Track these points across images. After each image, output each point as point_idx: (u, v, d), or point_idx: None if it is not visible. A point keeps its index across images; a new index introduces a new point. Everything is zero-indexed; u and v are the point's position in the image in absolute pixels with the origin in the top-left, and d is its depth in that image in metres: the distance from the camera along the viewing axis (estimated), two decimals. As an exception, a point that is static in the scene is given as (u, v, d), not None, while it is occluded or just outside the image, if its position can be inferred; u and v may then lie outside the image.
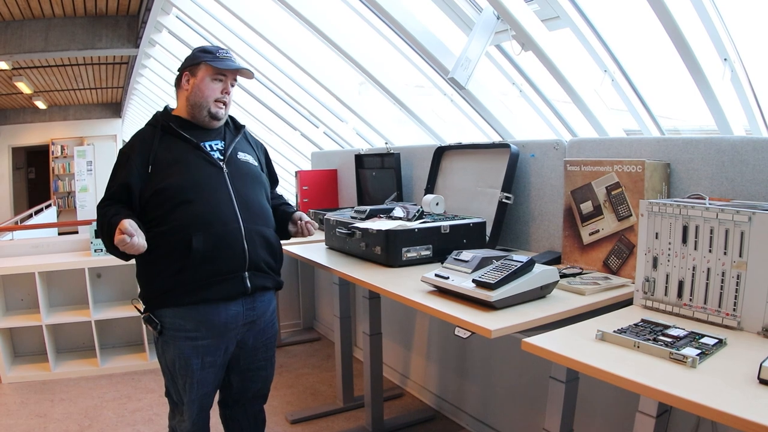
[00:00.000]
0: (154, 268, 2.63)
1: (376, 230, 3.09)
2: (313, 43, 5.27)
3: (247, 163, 2.86)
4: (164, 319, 2.67)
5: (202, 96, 2.74)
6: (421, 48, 4.00)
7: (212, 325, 2.68)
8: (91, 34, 8.68)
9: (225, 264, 2.65)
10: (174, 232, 2.57)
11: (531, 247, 3.32)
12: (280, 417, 4.30)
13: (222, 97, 2.77)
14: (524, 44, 3.42)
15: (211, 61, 2.73)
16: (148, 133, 2.74)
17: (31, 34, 8.55)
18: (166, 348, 2.72)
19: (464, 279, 2.34)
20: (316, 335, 6.30)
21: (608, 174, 2.67)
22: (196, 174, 2.67)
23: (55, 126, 17.38)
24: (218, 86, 2.76)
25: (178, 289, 2.61)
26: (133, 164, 2.63)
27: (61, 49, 8.73)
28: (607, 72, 3.41)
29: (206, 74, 2.74)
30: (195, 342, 2.68)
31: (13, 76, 11.56)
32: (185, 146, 2.72)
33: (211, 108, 2.75)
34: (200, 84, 2.74)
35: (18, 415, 4.54)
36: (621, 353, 1.68)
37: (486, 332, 1.96)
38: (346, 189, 5.52)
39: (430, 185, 3.94)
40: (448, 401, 4.24)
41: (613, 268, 2.66)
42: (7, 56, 8.69)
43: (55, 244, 5.64)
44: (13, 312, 5.45)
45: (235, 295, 2.70)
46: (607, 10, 3.30)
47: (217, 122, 2.81)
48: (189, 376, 2.71)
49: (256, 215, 2.77)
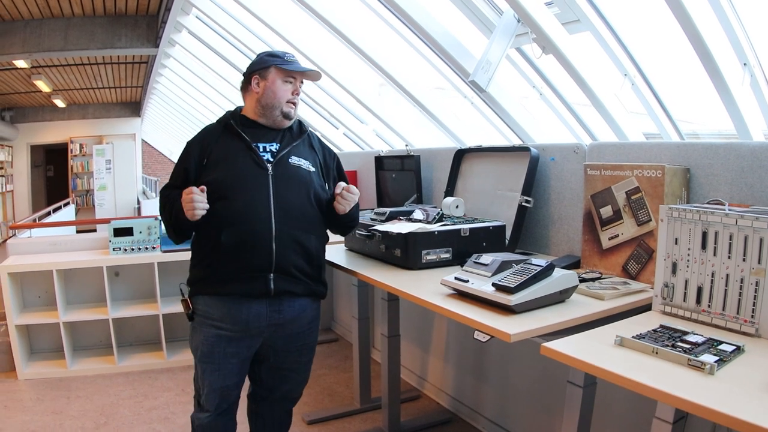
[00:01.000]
0: (195, 256, 2.85)
1: (396, 233, 3.10)
2: (333, 45, 5.29)
3: (298, 168, 2.86)
4: (197, 305, 2.83)
5: (275, 97, 2.83)
6: (441, 50, 4.01)
7: (235, 319, 2.76)
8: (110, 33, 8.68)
9: (250, 262, 2.70)
10: (209, 225, 2.68)
11: (550, 251, 3.31)
12: (297, 417, 4.27)
13: (293, 98, 2.88)
14: (545, 47, 3.43)
15: (281, 64, 2.84)
16: (215, 129, 2.90)
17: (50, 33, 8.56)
18: (194, 333, 2.86)
19: (484, 282, 2.35)
20: (334, 336, 6.30)
21: (628, 179, 2.68)
22: (239, 172, 2.74)
23: (74, 124, 17.44)
24: (289, 88, 2.86)
25: (210, 279, 2.75)
26: (194, 154, 2.80)
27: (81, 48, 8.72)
28: (627, 76, 3.41)
29: (277, 77, 2.84)
30: (220, 331, 2.78)
31: (32, 74, 11.59)
32: (239, 145, 2.81)
33: (283, 108, 2.85)
34: (272, 86, 2.83)
35: (33, 411, 4.56)
36: (640, 359, 1.69)
37: (505, 336, 1.97)
38: (365, 190, 5.52)
39: (450, 188, 3.95)
40: (465, 404, 4.23)
41: (632, 273, 2.66)
42: (26, 55, 8.70)
43: (73, 242, 5.67)
44: (31, 309, 5.48)
45: (257, 294, 2.74)
46: (628, 13, 3.30)
47: (289, 121, 2.91)
48: (210, 362, 2.81)
49: (295, 219, 2.77)
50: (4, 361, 5.31)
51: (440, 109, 4.84)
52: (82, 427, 4.27)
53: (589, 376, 2.25)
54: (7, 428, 4.27)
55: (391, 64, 4.78)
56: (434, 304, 2.40)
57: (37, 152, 18.74)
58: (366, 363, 4.38)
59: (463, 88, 4.62)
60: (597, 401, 2.36)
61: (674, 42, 3.01)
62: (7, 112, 16.38)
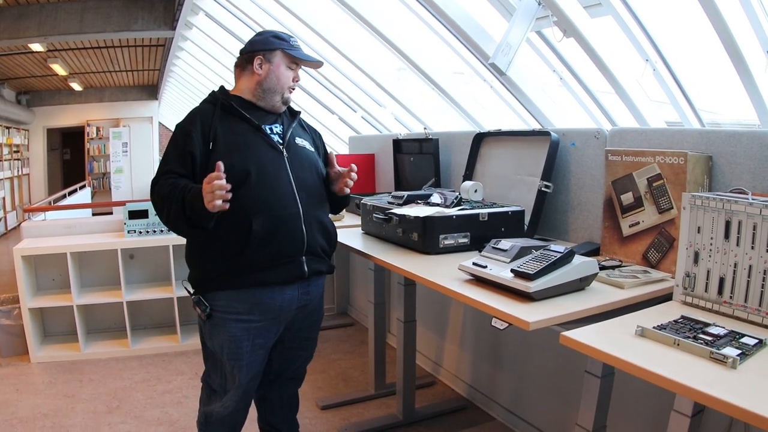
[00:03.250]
0: (211, 249, 2.64)
1: (413, 216, 3.09)
2: (352, 27, 5.26)
3: (304, 149, 2.88)
4: (216, 302, 2.68)
5: (278, 83, 2.78)
6: (461, 33, 3.98)
7: (267, 308, 2.71)
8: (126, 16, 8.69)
9: (283, 248, 2.67)
10: (234, 214, 2.53)
11: (569, 238, 3.29)
12: (311, 402, 4.31)
13: (294, 85, 2.85)
14: (566, 31, 3.40)
15: (288, 49, 2.80)
16: (207, 111, 2.73)
17: (66, 16, 8.56)
18: (215, 332, 2.73)
19: (502, 268, 2.33)
20: (350, 320, 6.31)
21: (650, 165, 2.64)
22: (258, 156, 2.67)
23: (90, 108, 17.49)
24: (291, 74, 2.83)
25: (234, 272, 2.63)
26: (195, 138, 2.62)
27: (97, 31, 8.74)
28: (648, 61, 3.37)
29: (282, 61, 2.79)
30: (247, 324, 2.70)
31: (48, 57, 11.63)
32: (246, 127, 2.72)
33: (285, 94, 2.82)
34: (276, 71, 2.78)
35: (46, 394, 4.58)
36: (661, 350, 1.66)
37: (524, 324, 1.95)
38: (383, 174, 5.51)
39: (469, 172, 3.92)
40: (480, 391, 4.23)
41: (653, 262, 2.62)
42: (42, 38, 8.72)
43: (87, 225, 5.69)
44: (44, 292, 5.52)
45: (292, 279, 2.73)
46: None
47: (284, 107, 2.87)
48: (238, 359, 2.73)
49: (314, 200, 2.79)
50: (17, 344, 5.35)
51: (459, 93, 4.81)
52: (94, 410, 4.29)
53: (607, 366, 2.22)
54: (19, 411, 4.30)
55: (411, 48, 4.75)
56: (451, 289, 2.39)
57: (53, 135, 18.83)
58: (381, 348, 4.38)
59: (482, 71, 4.59)
60: (614, 391, 2.34)
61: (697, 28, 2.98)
62: (23, 96, 16.49)
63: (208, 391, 2.92)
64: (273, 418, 3.20)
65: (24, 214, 11.18)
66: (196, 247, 2.71)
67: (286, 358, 3.02)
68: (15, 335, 5.33)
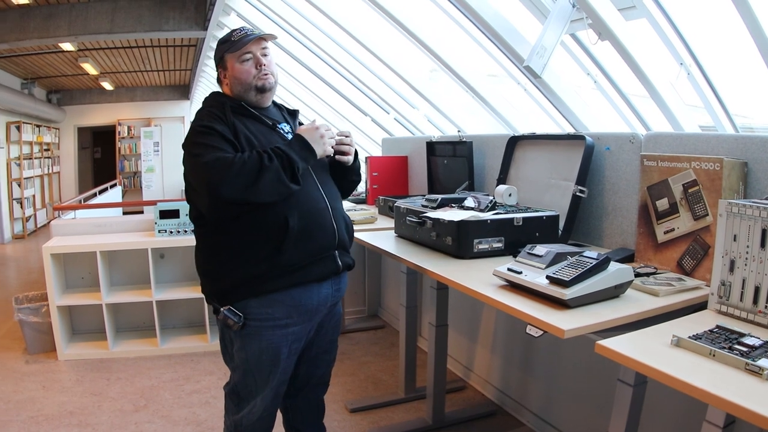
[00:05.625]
0: (243, 252, 2.57)
1: (447, 220, 3.09)
2: (385, 28, 5.27)
3: None
4: (249, 310, 2.60)
5: (241, 81, 2.71)
6: (495, 35, 3.97)
7: (305, 309, 2.67)
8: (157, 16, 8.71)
9: (319, 243, 2.64)
10: (268, 213, 2.51)
11: (603, 243, 3.28)
12: (340, 405, 4.33)
13: (259, 71, 2.72)
14: (600, 33, 3.39)
15: (230, 48, 2.72)
16: (218, 113, 2.64)
17: (97, 16, 8.59)
18: (248, 342, 2.65)
19: (537, 274, 2.33)
20: (381, 323, 6.31)
21: (685, 171, 2.64)
22: None
23: (122, 107, 17.60)
24: (249, 64, 2.71)
25: (271, 274, 2.56)
26: (225, 132, 2.55)
27: (127, 31, 8.75)
28: (683, 65, 3.35)
29: (233, 62, 2.72)
30: (285, 330, 2.65)
31: (78, 57, 11.71)
32: (261, 127, 2.70)
33: (256, 84, 2.71)
34: (233, 73, 2.72)
35: (72, 392, 4.62)
36: (696, 361, 1.67)
37: (559, 332, 1.96)
38: (416, 176, 5.52)
39: (503, 175, 3.92)
40: (510, 397, 4.22)
41: (687, 269, 2.61)
42: (72, 37, 8.77)
43: (117, 224, 5.74)
44: (73, 290, 5.58)
45: (328, 274, 2.71)
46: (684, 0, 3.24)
47: (269, 93, 2.78)
48: (276, 366, 2.69)
49: (335, 195, 2.79)
50: (44, 341, 5.41)
51: (493, 95, 4.81)
52: (121, 409, 4.33)
53: (640, 375, 2.20)
54: (45, 408, 4.34)
55: (444, 49, 4.75)
56: (486, 295, 2.38)
57: (84, 134, 19.00)
58: (412, 352, 4.37)
59: (516, 74, 4.58)
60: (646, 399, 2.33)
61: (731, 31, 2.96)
62: (54, 95, 16.65)
63: (234, 401, 2.86)
64: (301, 424, 3.17)
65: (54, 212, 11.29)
66: (220, 253, 2.62)
67: (312, 363, 2.98)
68: (43, 332, 5.39)
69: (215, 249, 2.64)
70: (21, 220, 13.59)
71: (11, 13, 8.47)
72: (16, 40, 8.64)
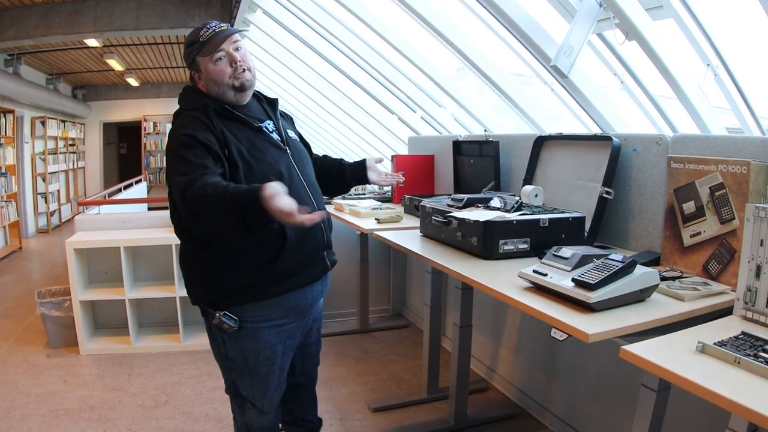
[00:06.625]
0: (239, 261, 2.55)
1: (473, 220, 3.10)
2: (411, 27, 5.27)
3: (296, 141, 2.88)
4: (247, 314, 2.62)
5: (217, 83, 2.61)
6: (522, 34, 3.96)
7: (299, 308, 2.76)
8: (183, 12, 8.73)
9: (311, 247, 2.71)
10: None
11: (629, 246, 3.27)
12: (362, 404, 4.36)
13: (234, 69, 2.61)
14: (628, 33, 3.37)
15: (199, 49, 2.59)
16: (203, 119, 2.53)
17: (122, 13, 8.66)
18: (244, 342, 2.68)
19: (563, 277, 2.34)
20: (405, 322, 6.34)
21: (712, 174, 2.62)
22: (271, 160, 2.60)
23: (147, 103, 17.75)
24: (223, 63, 2.60)
25: (267, 281, 2.59)
26: (212, 141, 2.45)
27: (153, 28, 8.82)
28: (709, 66, 3.33)
29: (206, 63, 2.61)
30: (280, 328, 2.72)
31: (104, 53, 11.83)
32: (247, 130, 2.62)
33: (233, 84, 2.62)
34: (207, 75, 2.62)
35: (93, 386, 4.69)
36: (721, 368, 1.66)
37: (583, 336, 1.96)
38: (442, 175, 5.52)
39: (529, 176, 3.92)
40: (533, 399, 4.23)
41: (713, 274, 2.60)
42: (98, 33, 8.85)
43: (142, 220, 5.83)
44: (96, 285, 5.66)
45: (320, 274, 2.81)
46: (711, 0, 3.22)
47: (248, 91, 2.70)
48: (272, 363, 2.76)
49: (319, 194, 2.83)
50: (66, 335, 5.49)
51: (519, 94, 4.80)
52: (142, 404, 4.38)
53: (663, 381, 2.21)
54: (65, 402, 4.40)
55: (471, 48, 4.74)
56: (511, 297, 2.39)
57: (110, 130, 19.22)
58: (435, 352, 4.39)
59: (543, 73, 4.57)
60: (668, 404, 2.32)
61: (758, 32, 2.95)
62: (79, 91, 16.84)
63: (239, 402, 2.90)
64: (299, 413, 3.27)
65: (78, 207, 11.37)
66: (217, 262, 2.58)
67: (305, 356, 3.09)
68: (65, 327, 5.47)
69: (210, 257, 2.60)
70: (45, 214, 13.81)
71: (36, 10, 8.57)
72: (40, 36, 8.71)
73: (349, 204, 5.07)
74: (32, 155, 13.27)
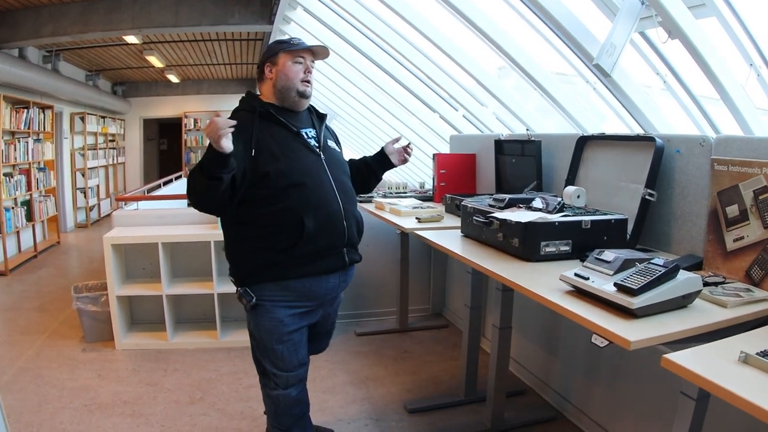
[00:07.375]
0: (262, 243, 2.96)
1: (515, 221, 3.11)
2: (454, 25, 5.26)
3: (335, 150, 3.27)
4: (264, 292, 3.01)
5: (288, 79, 3.07)
6: (564, 32, 3.94)
7: (314, 294, 3.10)
8: (222, 9, 8.74)
9: (329, 241, 3.04)
10: (287, 211, 2.91)
11: (671, 249, 3.24)
12: (399, 405, 4.36)
13: (306, 77, 3.09)
14: (671, 32, 3.34)
15: (287, 47, 3.08)
16: (247, 118, 2.97)
17: (161, 10, 8.69)
18: (260, 319, 3.06)
19: (605, 281, 2.33)
20: (444, 322, 6.31)
21: (756, 176, 2.60)
22: (302, 161, 3.00)
23: (188, 99, 17.85)
24: (299, 67, 3.08)
25: (285, 263, 2.96)
26: (237, 145, 2.77)
27: (192, 25, 8.85)
28: (753, 66, 3.29)
29: (286, 59, 3.07)
30: (294, 310, 3.08)
31: (143, 50, 11.92)
32: (286, 133, 3.04)
33: (298, 88, 3.08)
34: (283, 69, 3.07)
35: (128, 382, 4.73)
36: (763, 379, 1.65)
37: (625, 343, 1.95)
38: (484, 174, 5.51)
39: (571, 176, 3.90)
40: (571, 403, 4.19)
41: (756, 280, 2.57)
42: (136, 30, 8.91)
43: (180, 216, 5.85)
44: (134, 280, 5.73)
45: (335, 268, 3.12)
46: (755, 0, 3.18)
47: (306, 100, 3.15)
48: (290, 341, 3.09)
49: (350, 197, 3.17)
50: (102, 330, 5.55)
51: (561, 93, 4.77)
52: (177, 400, 4.42)
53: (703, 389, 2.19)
54: (99, 397, 4.45)
55: (513, 47, 4.73)
56: (552, 301, 2.40)
57: (150, 126, 19.35)
58: (474, 354, 4.38)
59: (585, 72, 4.54)
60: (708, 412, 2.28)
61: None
62: (119, 87, 17.02)
63: (265, 379, 3.24)
64: None
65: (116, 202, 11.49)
66: (242, 241, 3.04)
67: (315, 341, 3.46)
68: (101, 321, 5.53)
69: (239, 237, 3.06)
70: (84, 209, 13.99)
71: (74, 7, 8.63)
72: (78, 33, 8.79)
73: (390, 202, 5.08)
74: (71, 150, 13.48)
